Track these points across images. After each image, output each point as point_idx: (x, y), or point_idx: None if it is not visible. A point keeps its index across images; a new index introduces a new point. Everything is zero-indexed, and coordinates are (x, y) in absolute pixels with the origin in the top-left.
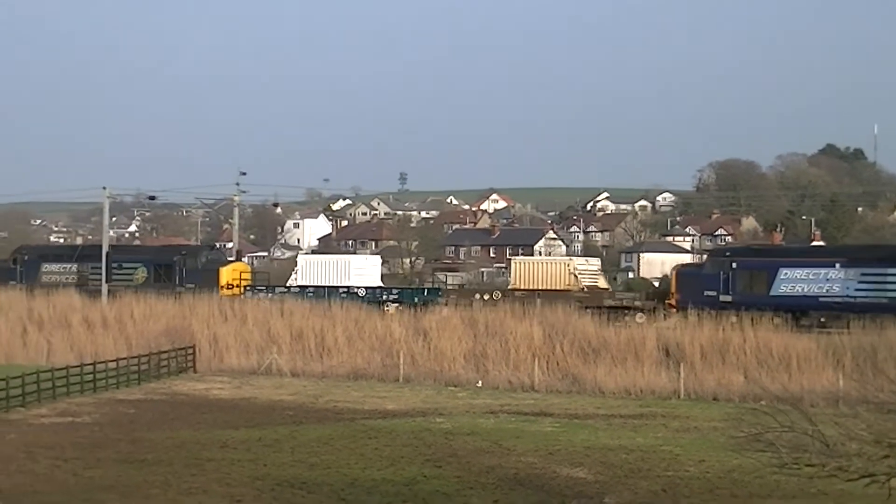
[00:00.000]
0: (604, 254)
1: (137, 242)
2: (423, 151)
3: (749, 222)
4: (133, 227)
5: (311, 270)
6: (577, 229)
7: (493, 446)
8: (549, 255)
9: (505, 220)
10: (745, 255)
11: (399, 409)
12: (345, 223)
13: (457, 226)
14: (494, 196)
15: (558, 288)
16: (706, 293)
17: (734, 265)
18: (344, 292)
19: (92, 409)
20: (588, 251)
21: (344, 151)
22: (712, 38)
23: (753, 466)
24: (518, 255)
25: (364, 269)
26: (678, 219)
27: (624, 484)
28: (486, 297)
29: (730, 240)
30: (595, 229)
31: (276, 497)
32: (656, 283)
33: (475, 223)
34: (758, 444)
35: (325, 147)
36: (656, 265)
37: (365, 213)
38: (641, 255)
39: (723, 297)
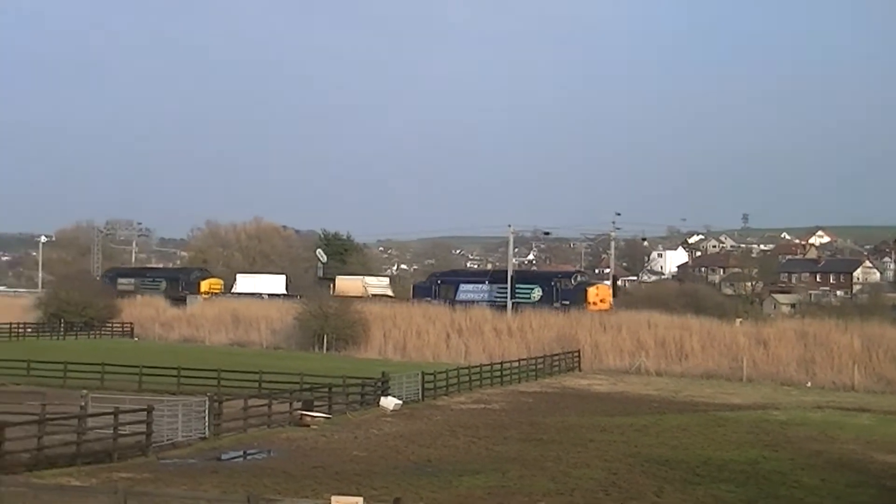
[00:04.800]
0: None
1: (534, 269)
2: (762, 195)
3: None
4: (531, 256)
5: (246, 283)
6: (889, 259)
7: (820, 435)
8: (866, 281)
9: (829, 252)
10: (445, 276)
11: (743, 403)
12: (698, 254)
13: (789, 256)
14: (820, 232)
15: (357, 295)
16: (425, 298)
17: (439, 282)
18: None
19: (499, 398)
20: None
21: (698, 195)
22: None
23: None
24: (839, 281)
25: (272, 284)
26: None
27: None
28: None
29: None
30: None
31: (644, 471)
32: None
33: (804, 254)
34: None
35: (683, 192)
36: None
37: (715, 246)
38: None
39: (433, 301)
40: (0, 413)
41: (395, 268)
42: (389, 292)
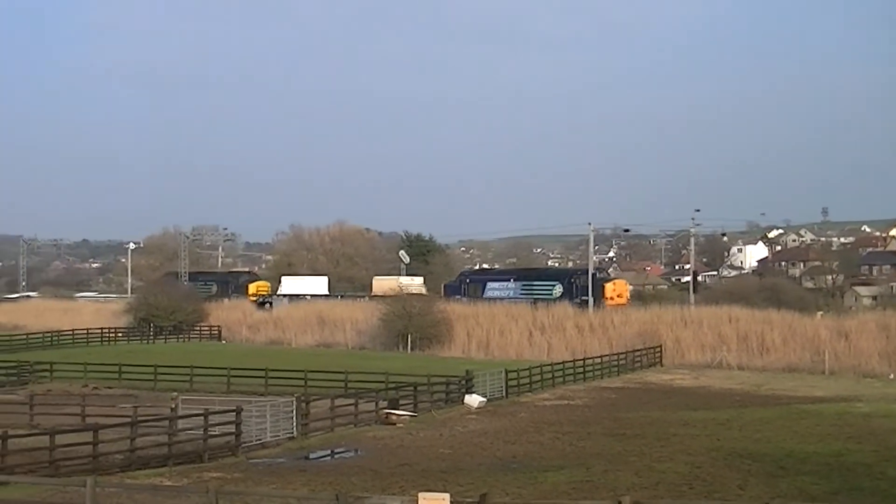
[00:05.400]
0: None
1: (615, 266)
2: (841, 188)
3: None
4: (611, 254)
5: (290, 285)
6: None
7: None
8: None
9: None
10: (473, 275)
11: (825, 396)
12: (778, 248)
13: (870, 249)
14: None
15: (393, 294)
16: (455, 296)
17: (468, 281)
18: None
19: (582, 394)
20: None
21: (777, 189)
22: None
23: None
24: None
25: (315, 285)
26: None
27: None
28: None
29: None
30: None
31: (728, 464)
32: None
33: (885, 247)
34: None
35: (762, 186)
36: None
37: (794, 240)
38: None
39: (462, 298)
40: (94, 415)
41: (476, 268)
42: (423, 291)
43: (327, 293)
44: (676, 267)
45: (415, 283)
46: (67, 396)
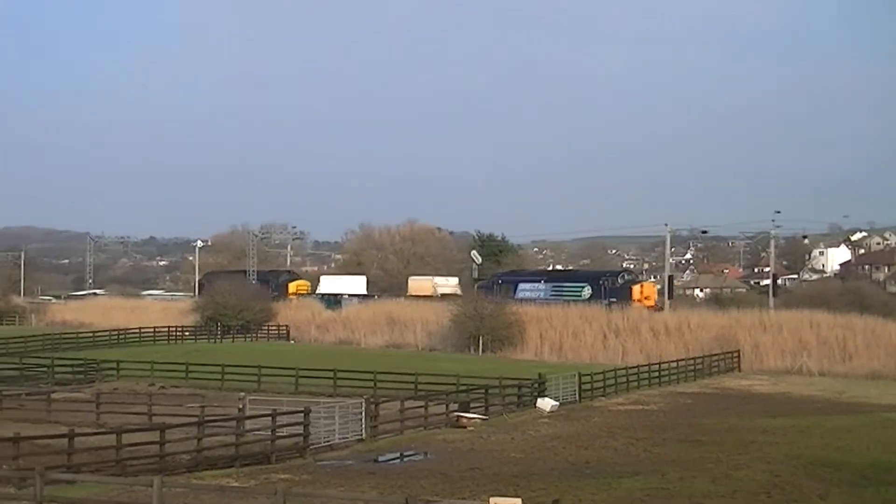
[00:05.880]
0: None
1: (692, 268)
2: None
3: None
4: (688, 256)
5: (328, 284)
6: None
7: None
8: None
9: None
10: (505, 276)
11: None
12: (861, 251)
13: None
14: None
15: (426, 294)
16: (487, 296)
17: (500, 282)
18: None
19: (657, 399)
20: None
21: (860, 191)
22: None
23: None
24: None
25: (353, 285)
26: None
27: None
28: None
29: None
30: None
31: (808, 473)
32: None
33: None
34: None
35: (845, 188)
36: None
37: (879, 243)
38: None
39: (494, 298)
40: (161, 415)
41: (549, 269)
42: (458, 291)
43: (365, 293)
44: (755, 270)
45: (450, 284)
46: (134, 395)
